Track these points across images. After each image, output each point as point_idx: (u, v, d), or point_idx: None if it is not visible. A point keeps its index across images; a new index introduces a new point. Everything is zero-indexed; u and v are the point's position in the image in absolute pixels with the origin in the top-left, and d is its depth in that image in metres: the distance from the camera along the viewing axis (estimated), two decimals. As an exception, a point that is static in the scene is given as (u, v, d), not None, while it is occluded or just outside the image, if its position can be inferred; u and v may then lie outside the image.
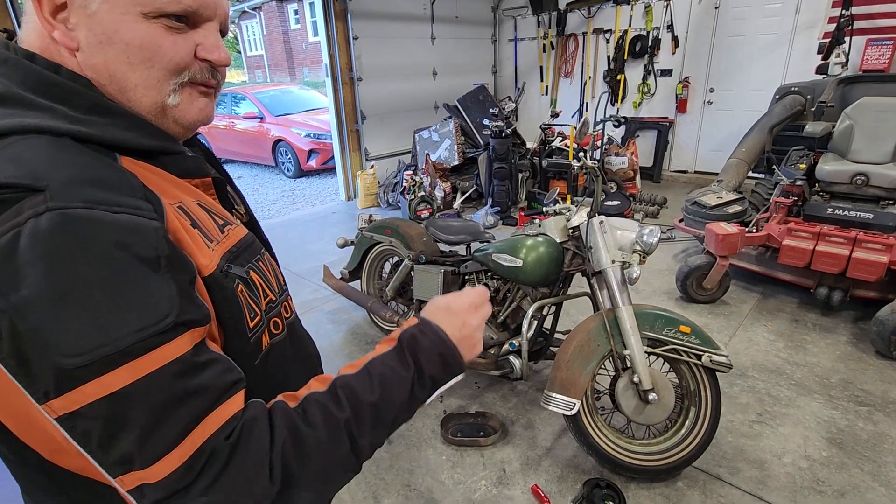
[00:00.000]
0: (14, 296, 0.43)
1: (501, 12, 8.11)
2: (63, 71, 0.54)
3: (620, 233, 2.04)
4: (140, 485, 0.48)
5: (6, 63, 0.53)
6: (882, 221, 3.26)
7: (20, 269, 0.43)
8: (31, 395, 0.46)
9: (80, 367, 0.44)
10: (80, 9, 0.53)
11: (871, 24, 5.13)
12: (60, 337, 0.44)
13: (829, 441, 2.23)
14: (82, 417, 0.46)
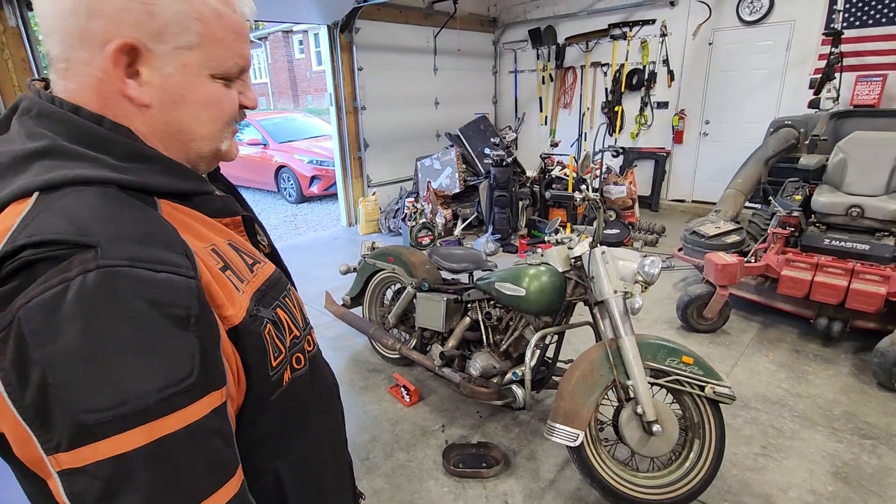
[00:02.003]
0: (50, 348, 0.43)
1: (502, 45, 8.35)
2: (106, 122, 0.56)
3: (622, 263, 2.07)
4: None
5: (50, 117, 0.55)
6: (878, 252, 3.31)
7: (61, 324, 0.44)
8: (41, 445, 0.45)
9: (98, 423, 0.44)
10: (154, 70, 0.56)
11: (860, 60, 5.30)
12: (85, 393, 0.44)
13: (835, 475, 2.21)
14: (85, 475, 0.44)
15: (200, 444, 0.49)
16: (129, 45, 0.54)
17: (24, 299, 0.44)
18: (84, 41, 0.53)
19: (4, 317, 0.44)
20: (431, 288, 2.80)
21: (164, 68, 0.57)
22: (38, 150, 0.53)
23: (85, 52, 0.54)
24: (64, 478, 0.45)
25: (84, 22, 0.53)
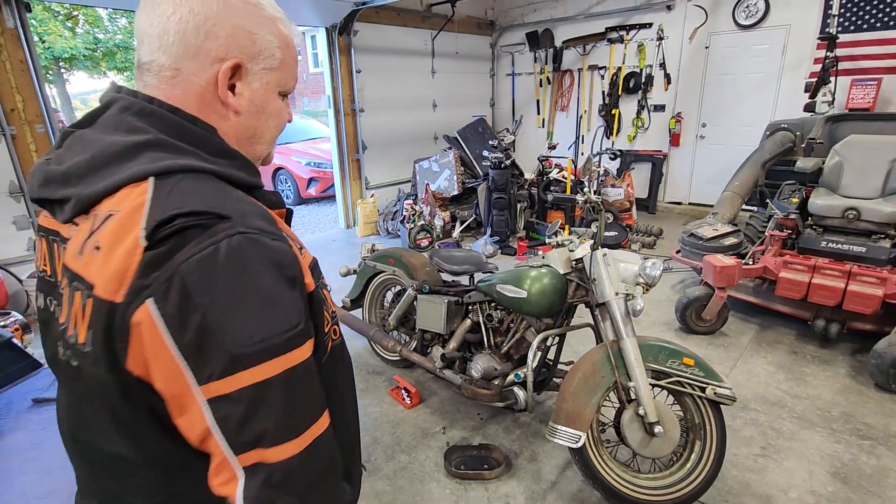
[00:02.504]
0: (209, 295, 0.54)
1: (500, 48, 8.38)
2: (199, 122, 0.66)
3: (623, 265, 2.08)
4: (256, 462, 0.56)
5: (152, 115, 0.64)
6: (875, 255, 3.34)
7: (217, 276, 0.54)
8: (194, 378, 0.54)
9: (245, 355, 0.55)
10: (247, 84, 0.69)
11: (854, 65, 5.35)
12: (236, 331, 0.54)
13: (834, 475, 2.22)
14: (231, 400, 0.55)
15: (308, 378, 0.61)
16: (237, 64, 0.66)
17: (184, 257, 0.54)
18: (198, 56, 0.64)
19: (166, 271, 0.53)
20: (432, 290, 2.81)
21: (253, 84, 0.70)
22: (144, 142, 0.61)
23: (196, 65, 0.65)
24: (213, 404, 0.55)
25: (202, 41, 0.64)
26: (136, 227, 0.55)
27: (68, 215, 0.61)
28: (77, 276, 0.58)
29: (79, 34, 18.24)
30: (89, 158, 0.61)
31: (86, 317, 0.57)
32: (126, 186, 0.58)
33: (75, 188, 0.60)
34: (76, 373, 0.61)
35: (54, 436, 2.61)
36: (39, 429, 2.68)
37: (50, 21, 16.05)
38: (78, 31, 18.22)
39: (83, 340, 0.58)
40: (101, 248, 0.56)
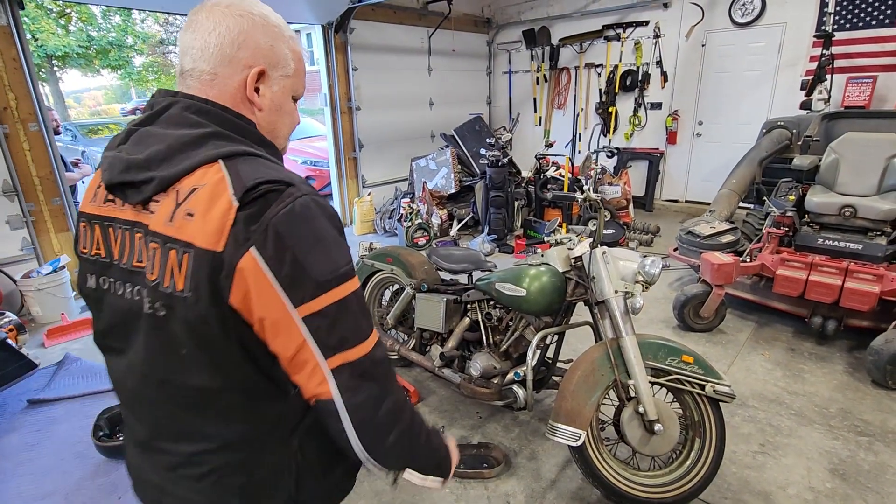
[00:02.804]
0: (296, 239, 0.71)
1: (496, 46, 8.37)
2: (243, 117, 0.82)
3: (623, 263, 2.08)
4: (340, 364, 0.74)
5: (209, 113, 0.79)
6: (871, 252, 3.35)
7: (299, 225, 0.72)
8: (291, 302, 0.71)
9: (326, 281, 0.73)
10: (268, 87, 0.85)
11: (850, 62, 5.37)
12: (318, 263, 0.72)
13: (832, 472, 2.23)
14: (319, 315, 0.72)
15: (362, 298, 0.79)
16: (262, 71, 0.82)
17: (272, 213, 0.70)
18: (231, 63, 0.80)
19: (261, 224, 0.69)
20: (430, 288, 2.80)
21: (273, 87, 0.85)
22: (207, 133, 0.76)
23: (230, 70, 0.80)
24: (307, 320, 0.72)
25: (235, 52, 0.80)
26: (225, 194, 0.70)
27: (147, 194, 0.74)
28: (170, 238, 0.72)
29: (72, 32, 18.10)
30: (165, 148, 0.75)
31: (184, 268, 0.71)
32: (201, 167, 0.73)
33: (156, 171, 0.74)
34: (163, 322, 0.74)
35: (50, 437, 2.60)
36: (35, 430, 2.66)
37: (43, 18, 15.90)
38: (71, 28, 18.07)
39: (181, 287, 0.71)
40: (194, 214, 0.70)
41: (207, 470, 0.81)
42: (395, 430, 0.81)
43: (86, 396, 2.94)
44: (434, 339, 2.80)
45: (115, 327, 0.83)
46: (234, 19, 0.79)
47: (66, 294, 4.07)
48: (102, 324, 0.85)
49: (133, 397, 0.85)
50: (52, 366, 3.30)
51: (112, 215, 0.80)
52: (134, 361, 0.80)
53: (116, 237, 0.80)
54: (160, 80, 27.31)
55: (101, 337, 0.87)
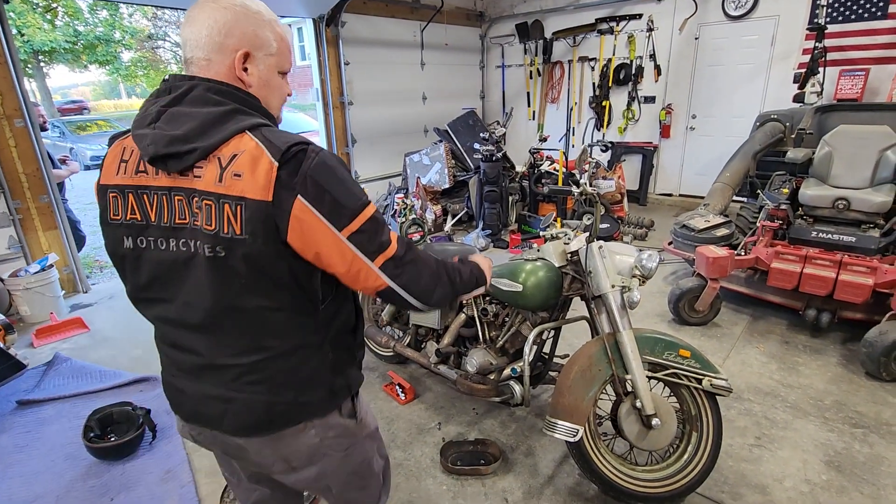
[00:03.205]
0: (330, 182, 0.92)
1: (489, 40, 8.32)
2: (251, 95, 1.01)
3: (619, 257, 2.06)
4: (384, 260, 1.00)
5: (226, 93, 0.96)
6: (864, 244, 3.36)
7: (325, 172, 0.92)
8: (335, 228, 0.93)
9: (356, 207, 0.95)
10: (255, 66, 1.01)
11: (842, 55, 5.38)
12: (348, 196, 0.94)
13: (828, 464, 2.24)
14: (359, 232, 0.95)
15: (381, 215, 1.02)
16: (247, 52, 0.98)
17: (307, 166, 0.90)
18: (221, 49, 0.96)
19: (300, 177, 0.90)
20: (425, 284, 2.77)
21: (259, 65, 1.01)
22: (231, 110, 0.94)
23: (221, 55, 0.97)
24: (351, 238, 0.95)
25: (223, 39, 0.96)
26: (264, 156, 0.89)
27: (190, 162, 0.91)
28: (223, 195, 0.90)
29: (58, 27, 17.80)
30: (199, 124, 0.91)
31: (239, 216, 0.89)
32: (234, 137, 0.91)
33: (197, 143, 0.90)
34: (223, 261, 0.92)
35: (40, 438, 2.56)
36: (24, 431, 2.62)
37: (29, 13, 15.63)
38: (57, 23, 17.78)
39: (239, 231, 0.90)
40: (241, 174, 0.89)
41: (267, 375, 1.03)
42: (438, 288, 1.13)
43: (76, 397, 2.90)
44: (430, 336, 2.78)
45: (158, 278, 1.00)
46: (221, 12, 0.96)
47: (55, 293, 4.01)
48: (143, 278, 1.02)
49: (191, 330, 1.02)
50: (41, 366, 3.25)
51: (146, 184, 0.96)
52: (191, 299, 0.98)
53: (152, 202, 0.96)
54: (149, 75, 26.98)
55: (143, 290, 1.03)
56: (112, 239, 1.02)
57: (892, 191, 3.51)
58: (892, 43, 5.10)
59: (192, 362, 1.05)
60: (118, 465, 2.35)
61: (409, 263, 1.04)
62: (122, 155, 1.00)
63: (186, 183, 0.93)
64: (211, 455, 2.38)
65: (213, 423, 1.08)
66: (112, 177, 1.00)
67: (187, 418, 1.13)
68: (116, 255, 1.03)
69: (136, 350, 3.49)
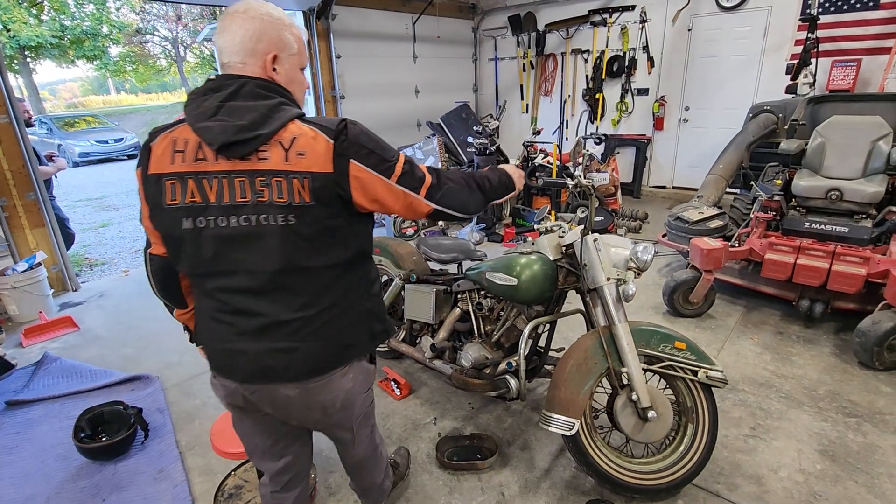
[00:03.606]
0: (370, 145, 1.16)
1: (482, 32, 8.26)
2: (287, 91, 1.21)
3: (614, 250, 2.05)
4: (426, 189, 1.26)
5: (272, 89, 1.16)
6: (857, 235, 3.37)
7: (364, 136, 1.16)
8: (385, 177, 1.18)
9: (394, 157, 1.21)
10: (282, 65, 1.19)
11: (835, 46, 5.39)
12: (384, 150, 1.19)
13: (822, 453, 2.25)
14: (402, 175, 1.21)
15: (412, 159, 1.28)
16: (276, 55, 1.17)
17: (351, 135, 1.14)
18: (254, 53, 1.14)
19: (349, 143, 1.13)
20: (420, 279, 2.75)
21: (285, 65, 1.20)
22: (278, 102, 1.14)
23: (254, 59, 1.15)
24: (398, 181, 1.20)
25: (255, 45, 1.13)
26: (321, 137, 1.12)
27: (255, 147, 1.09)
28: (291, 171, 1.09)
29: (45, 21, 17.51)
30: (258, 114, 1.09)
31: (306, 186, 1.10)
32: (288, 124, 1.12)
33: (260, 130, 1.08)
34: (293, 227, 1.12)
35: (30, 439, 2.52)
36: (13, 432, 2.58)
37: (14, 8, 15.35)
38: (43, 18, 17.48)
39: (308, 199, 1.10)
40: (305, 153, 1.10)
41: (322, 324, 1.24)
42: (471, 198, 1.42)
43: (66, 397, 2.86)
44: (424, 331, 2.76)
45: (221, 252, 1.14)
46: (250, 21, 1.13)
47: (44, 291, 3.95)
48: (206, 254, 1.15)
49: (255, 294, 1.18)
50: (30, 366, 3.20)
51: (206, 170, 1.10)
52: (257, 267, 1.15)
53: (211, 185, 1.10)
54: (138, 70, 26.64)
55: (206, 265, 1.17)
56: (169, 222, 1.14)
57: (884, 181, 3.52)
58: (884, 33, 5.11)
59: (256, 323, 1.20)
60: (110, 465, 2.32)
61: (444, 187, 1.31)
62: (174, 146, 1.12)
63: (248, 165, 1.09)
64: (205, 454, 2.36)
65: (275, 376, 1.24)
66: (167, 166, 1.11)
67: (244, 379, 1.26)
68: (173, 237, 1.16)
69: (127, 349, 3.45)
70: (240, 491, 2.09)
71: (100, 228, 7.23)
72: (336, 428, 1.45)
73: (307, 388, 1.27)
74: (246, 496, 2.05)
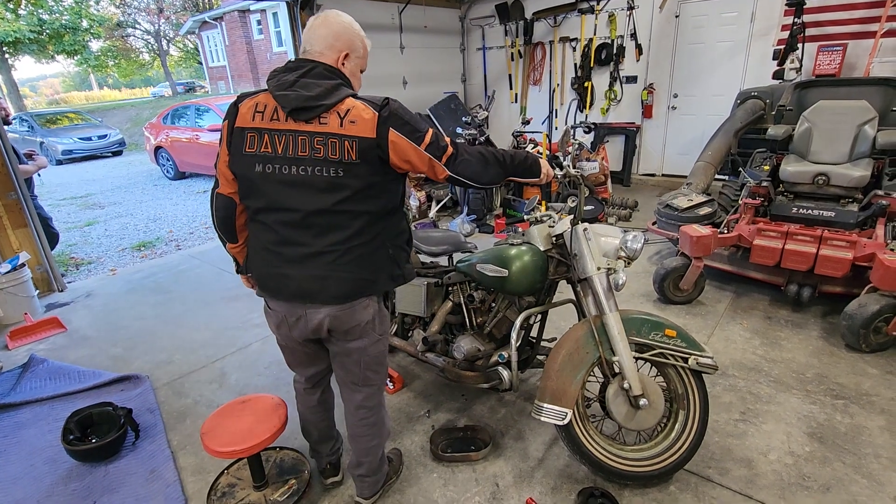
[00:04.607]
0: (406, 118, 1.50)
1: (469, 22, 8.18)
2: (346, 77, 1.55)
3: (604, 239, 2.04)
4: (446, 157, 1.58)
5: (336, 72, 1.52)
6: (844, 219, 3.41)
7: (403, 112, 1.51)
8: (417, 144, 1.50)
9: (424, 130, 1.53)
10: (349, 62, 1.56)
11: (821, 31, 5.40)
12: (418, 124, 1.53)
13: (811, 436, 2.28)
14: (430, 144, 1.53)
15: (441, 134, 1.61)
16: (347, 53, 1.53)
17: (393, 109, 1.48)
18: (331, 48, 1.51)
19: (390, 116, 1.47)
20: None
21: (351, 62, 1.56)
22: (339, 83, 1.49)
23: (330, 52, 1.51)
24: (427, 149, 1.53)
25: (333, 42, 1.51)
26: (369, 110, 1.45)
27: (318, 113, 1.43)
28: (344, 135, 1.43)
29: (22, 15, 17.08)
30: (324, 90, 1.44)
31: (354, 148, 1.43)
32: (345, 99, 1.46)
33: (324, 101, 1.43)
34: (342, 179, 1.46)
35: (18, 442, 2.49)
36: (1, 436, 2.54)
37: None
38: (21, 12, 17.05)
39: (354, 157, 1.44)
40: (356, 121, 1.43)
41: (352, 258, 1.55)
42: (489, 170, 1.67)
43: (54, 399, 2.82)
44: (416, 324, 2.75)
45: (283, 193, 1.49)
46: (335, 25, 1.52)
47: (29, 293, 3.89)
48: (271, 194, 1.50)
49: (305, 228, 1.51)
50: (16, 368, 3.16)
51: (278, 128, 1.46)
52: (308, 207, 1.48)
53: (280, 139, 1.46)
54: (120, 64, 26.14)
55: (270, 202, 1.52)
56: (245, 165, 1.51)
57: (870, 165, 3.55)
58: (869, 17, 5.12)
59: (302, 252, 1.54)
60: (101, 466, 2.30)
61: (462, 157, 1.59)
62: (255, 108, 1.49)
63: (311, 128, 1.44)
64: (197, 453, 2.35)
65: (311, 297, 1.58)
66: (249, 122, 1.49)
67: (288, 298, 1.61)
68: (247, 178, 1.53)
69: (116, 349, 3.41)
70: (233, 489, 2.08)
71: (85, 227, 7.11)
72: (350, 358, 1.74)
73: (335, 314, 1.60)
74: (239, 494, 2.04)
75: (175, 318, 3.83)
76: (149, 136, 10.56)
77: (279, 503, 1.97)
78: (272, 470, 2.15)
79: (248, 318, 3.73)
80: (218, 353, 3.28)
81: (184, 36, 24.63)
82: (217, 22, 20.23)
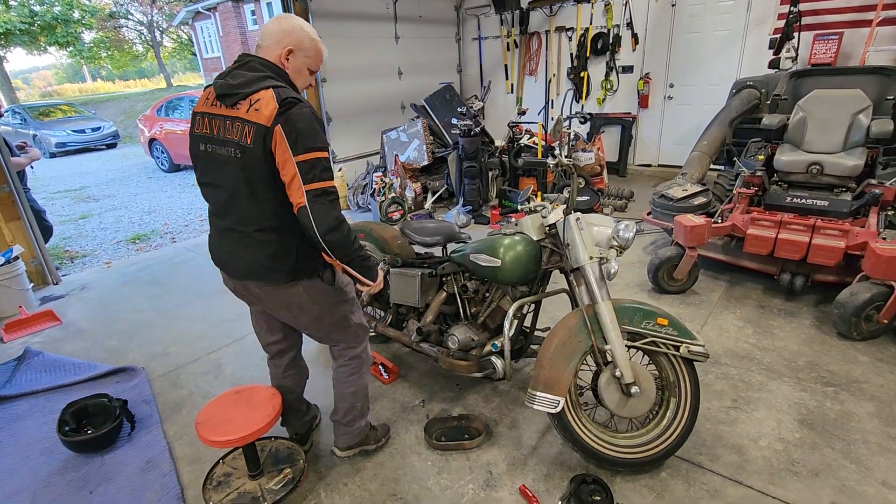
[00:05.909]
0: (299, 123, 1.53)
1: (464, 11, 8.11)
2: (282, 71, 1.67)
3: (597, 229, 2.05)
4: (310, 189, 1.54)
5: (268, 66, 1.64)
6: (837, 208, 3.42)
7: (301, 118, 1.54)
8: (292, 151, 1.52)
9: (309, 147, 1.54)
10: (294, 59, 1.68)
11: (817, 19, 5.38)
12: (308, 137, 1.54)
13: (801, 422, 2.31)
14: (304, 162, 1.53)
15: (328, 163, 1.60)
16: (291, 49, 1.66)
17: (291, 111, 1.53)
18: (278, 43, 1.65)
19: (285, 116, 1.51)
20: (405, 263, 2.74)
21: (296, 59, 1.69)
22: (265, 75, 1.60)
23: (277, 47, 1.65)
24: (298, 164, 1.53)
25: (281, 38, 1.65)
26: (273, 101, 1.51)
27: (235, 101, 1.56)
28: (248, 120, 1.53)
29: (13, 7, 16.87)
30: (245, 80, 1.57)
31: (252, 133, 1.52)
32: (262, 90, 1.54)
33: (242, 90, 1.55)
34: (241, 160, 1.56)
35: (14, 434, 2.50)
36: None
37: (-23, -7, 14.77)
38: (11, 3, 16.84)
39: (250, 142, 1.53)
40: (259, 109, 1.51)
41: (256, 242, 1.67)
42: (338, 230, 1.60)
43: (50, 391, 2.83)
44: (411, 314, 2.76)
45: (214, 171, 1.66)
46: (284, 24, 1.65)
47: (23, 286, 3.88)
48: (209, 172, 1.68)
49: (226, 205, 1.67)
50: (11, 361, 3.16)
51: (215, 112, 1.63)
52: (228, 186, 1.63)
53: (216, 123, 1.61)
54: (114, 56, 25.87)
55: (204, 177, 1.71)
56: (194, 144, 1.69)
57: (864, 154, 3.56)
58: (865, 6, 5.10)
59: (224, 225, 1.71)
60: (96, 457, 2.31)
61: (327, 201, 1.57)
62: (207, 94, 1.67)
63: (232, 113, 1.57)
64: (193, 443, 2.36)
65: (227, 269, 1.79)
66: (201, 106, 1.68)
67: (221, 266, 1.81)
68: (196, 156, 1.71)
69: (111, 341, 3.41)
70: (228, 478, 2.09)
71: (79, 220, 7.08)
72: (307, 328, 1.94)
73: (266, 290, 1.76)
74: (235, 483, 2.06)
75: (170, 310, 3.83)
76: (143, 128, 10.48)
77: (274, 492, 1.98)
78: (267, 459, 2.16)
79: (244, 309, 3.71)
80: (213, 344, 3.28)
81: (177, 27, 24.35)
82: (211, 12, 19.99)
